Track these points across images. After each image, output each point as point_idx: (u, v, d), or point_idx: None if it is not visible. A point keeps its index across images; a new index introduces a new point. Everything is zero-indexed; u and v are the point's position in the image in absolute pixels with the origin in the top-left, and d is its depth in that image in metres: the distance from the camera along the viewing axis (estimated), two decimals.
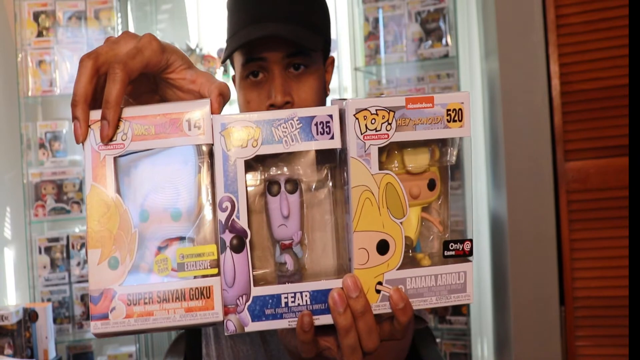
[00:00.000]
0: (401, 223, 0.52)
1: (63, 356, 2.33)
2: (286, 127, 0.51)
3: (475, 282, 2.29)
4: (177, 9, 2.66)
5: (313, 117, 0.51)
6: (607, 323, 1.77)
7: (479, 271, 2.30)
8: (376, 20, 2.22)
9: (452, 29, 2.12)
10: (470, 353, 2.12)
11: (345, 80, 2.32)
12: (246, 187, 0.50)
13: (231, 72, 2.69)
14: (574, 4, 1.80)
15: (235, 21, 0.91)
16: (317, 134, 0.51)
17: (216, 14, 2.56)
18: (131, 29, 2.42)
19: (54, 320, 2.26)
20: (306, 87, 0.89)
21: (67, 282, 2.33)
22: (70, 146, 2.43)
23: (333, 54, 2.33)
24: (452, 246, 0.54)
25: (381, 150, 0.52)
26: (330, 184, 0.54)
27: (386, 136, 0.51)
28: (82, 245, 2.35)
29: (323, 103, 0.94)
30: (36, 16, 2.37)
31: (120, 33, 2.11)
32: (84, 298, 2.32)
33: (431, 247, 0.55)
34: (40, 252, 2.33)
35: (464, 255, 0.54)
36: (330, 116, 0.51)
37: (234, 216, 0.50)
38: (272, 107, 0.86)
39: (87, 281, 2.31)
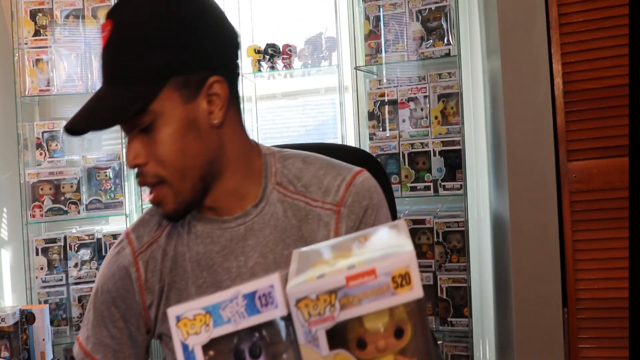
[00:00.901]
0: None
1: (60, 358, 2.31)
2: (232, 307, 0.53)
3: (477, 283, 2.28)
4: None
5: (255, 291, 0.53)
6: (610, 325, 1.75)
7: (480, 272, 2.28)
8: (377, 18, 2.20)
9: (453, 28, 2.10)
10: (472, 355, 2.10)
11: (345, 79, 2.30)
12: None
13: None
14: (576, 2, 1.79)
15: None
16: (262, 307, 0.53)
17: None
18: None
19: (51, 322, 2.24)
20: (157, 144, 0.83)
21: (64, 283, 2.31)
22: (67, 146, 2.41)
23: (333, 53, 2.34)
24: None
25: None
26: (292, 332, 0.55)
27: (331, 318, 0.50)
28: (80, 246, 2.33)
29: (196, 145, 0.85)
30: (33, 15, 2.35)
31: None
32: (81, 300, 2.30)
33: None
34: (37, 253, 2.31)
35: None
36: (272, 286, 0.53)
37: None
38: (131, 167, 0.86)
39: (84, 283, 2.29)
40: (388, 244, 0.55)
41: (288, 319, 0.53)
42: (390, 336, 0.52)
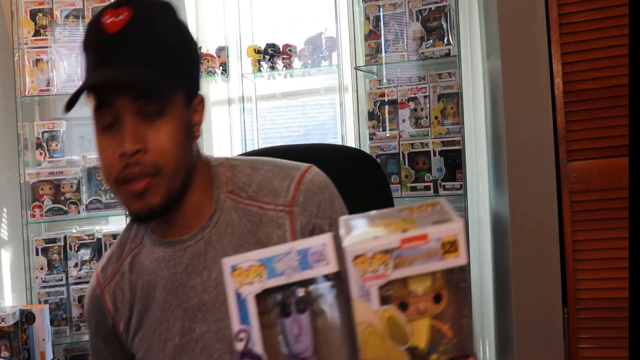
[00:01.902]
0: (405, 348, 0.56)
1: (60, 358, 2.31)
2: (286, 261, 0.57)
3: (477, 283, 2.27)
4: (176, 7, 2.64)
5: (309, 248, 0.57)
6: (610, 325, 1.75)
7: (480, 272, 2.28)
8: (377, 18, 2.20)
9: (453, 28, 2.10)
10: None
11: (345, 79, 2.30)
12: (258, 318, 0.57)
13: (231, 72, 2.65)
14: (576, 2, 1.79)
15: (86, 65, 0.86)
16: (314, 263, 0.56)
17: (215, 12, 2.54)
18: None
19: (51, 322, 2.24)
20: (162, 133, 0.83)
21: (64, 283, 2.31)
22: (67, 146, 2.41)
23: (333, 53, 2.34)
24: None
25: None
26: (335, 291, 0.59)
27: (385, 275, 0.55)
28: (80, 246, 2.33)
29: (187, 150, 0.87)
30: (33, 15, 2.35)
31: None
32: (81, 300, 2.30)
33: (443, 349, 0.58)
34: (37, 253, 2.31)
35: None
36: (325, 244, 0.56)
37: (249, 344, 0.57)
38: (123, 156, 0.81)
39: (84, 283, 2.29)
40: (437, 215, 0.59)
41: (335, 277, 0.57)
42: (430, 300, 0.56)
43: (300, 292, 0.58)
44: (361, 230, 0.58)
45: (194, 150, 0.91)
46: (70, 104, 0.82)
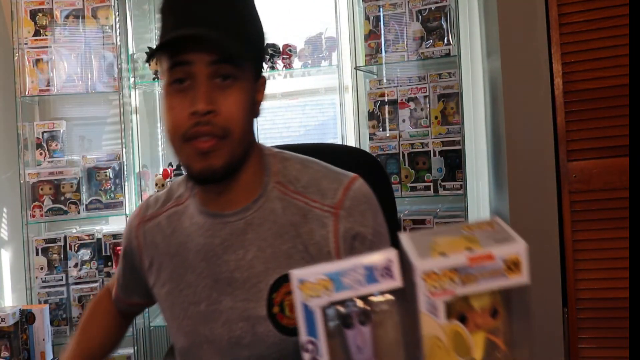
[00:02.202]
0: None
1: (61, 358, 2.31)
2: (353, 275, 0.58)
3: None
4: None
5: (375, 263, 0.59)
6: (611, 325, 1.75)
7: None
8: (377, 18, 2.20)
9: (453, 28, 2.10)
10: None
11: (345, 79, 2.30)
12: (325, 330, 0.59)
13: None
14: (576, 2, 1.79)
15: (163, 26, 0.89)
16: (380, 277, 0.58)
17: None
18: (129, 28, 2.40)
19: (51, 322, 2.24)
20: (232, 99, 0.85)
21: (64, 283, 2.31)
22: (67, 146, 2.41)
23: (333, 53, 2.34)
24: None
25: None
26: (396, 305, 0.60)
27: (452, 292, 0.57)
28: (80, 246, 2.33)
29: (250, 123, 0.91)
30: (33, 15, 2.35)
31: (118, 31, 2.13)
32: (81, 300, 2.30)
33: None
34: (37, 253, 2.31)
35: None
36: (391, 260, 0.58)
37: (316, 355, 0.59)
38: (194, 114, 0.83)
39: (84, 283, 2.29)
40: (497, 234, 0.61)
41: (397, 291, 0.59)
42: (487, 315, 0.59)
43: (361, 304, 0.60)
44: (426, 247, 0.59)
45: (253, 129, 0.93)
46: (150, 57, 0.86)
